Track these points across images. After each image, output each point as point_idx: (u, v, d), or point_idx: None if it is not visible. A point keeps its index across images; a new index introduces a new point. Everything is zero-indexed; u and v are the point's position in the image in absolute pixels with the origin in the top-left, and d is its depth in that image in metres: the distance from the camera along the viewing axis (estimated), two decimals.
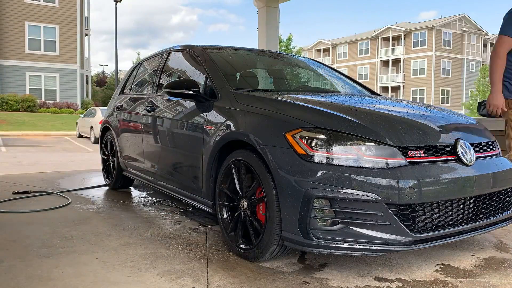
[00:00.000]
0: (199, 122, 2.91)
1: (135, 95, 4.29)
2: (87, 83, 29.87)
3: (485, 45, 44.77)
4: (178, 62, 3.77)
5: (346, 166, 2.05)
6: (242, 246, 2.45)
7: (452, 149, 2.27)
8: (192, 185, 2.99)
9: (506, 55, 3.23)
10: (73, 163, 7.28)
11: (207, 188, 2.77)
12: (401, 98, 35.65)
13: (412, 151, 2.14)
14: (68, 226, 3.11)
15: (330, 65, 5.34)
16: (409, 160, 2.10)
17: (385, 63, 44.12)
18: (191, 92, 2.87)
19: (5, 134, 15.75)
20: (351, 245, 2.01)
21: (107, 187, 4.77)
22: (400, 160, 2.08)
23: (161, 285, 2.10)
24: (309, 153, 2.10)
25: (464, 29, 42.15)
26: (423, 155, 2.16)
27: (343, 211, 2.02)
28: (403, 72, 42.58)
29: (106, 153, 4.80)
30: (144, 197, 4.31)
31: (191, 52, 3.44)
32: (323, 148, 2.10)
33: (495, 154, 2.58)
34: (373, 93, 3.72)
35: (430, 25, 40.36)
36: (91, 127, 14.38)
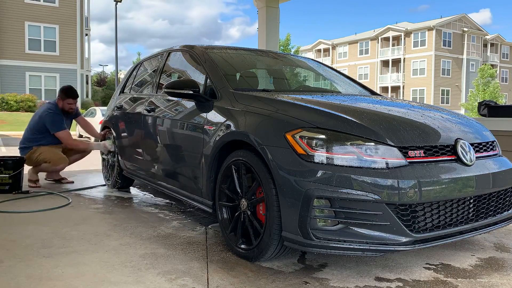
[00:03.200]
0: (199, 122, 2.91)
1: (135, 95, 4.29)
2: (87, 83, 29.86)
3: (485, 45, 44.75)
4: (178, 62, 3.77)
5: (346, 166, 2.05)
6: (242, 246, 2.45)
7: (452, 149, 2.27)
8: (192, 185, 2.99)
9: None
10: (73, 163, 7.25)
11: (207, 188, 2.77)
12: (401, 98, 35.64)
13: (412, 151, 2.14)
14: (68, 226, 3.11)
15: (330, 65, 5.34)
16: (409, 160, 2.10)
17: (385, 63, 44.10)
18: (191, 92, 2.87)
19: (5, 134, 15.74)
20: (351, 245, 2.00)
21: (107, 187, 4.77)
22: (400, 160, 2.08)
23: (161, 285, 2.10)
24: (309, 153, 2.10)
25: (464, 29, 42.13)
26: (423, 155, 2.16)
27: (343, 211, 2.02)
28: (403, 72, 42.55)
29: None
30: (144, 197, 4.31)
31: (191, 52, 3.44)
32: (323, 148, 2.10)
33: (495, 154, 2.58)
34: (373, 93, 3.72)
35: (430, 25, 40.35)
36: None
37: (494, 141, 2.67)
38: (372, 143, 2.10)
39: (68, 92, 4.80)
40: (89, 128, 5.52)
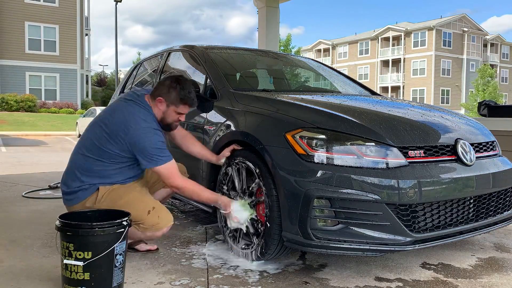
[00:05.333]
0: (199, 122, 2.91)
1: None
2: (87, 83, 29.85)
3: (485, 45, 44.73)
4: (178, 62, 3.77)
5: (346, 166, 2.05)
6: (242, 246, 2.44)
7: (452, 149, 2.27)
8: None
9: None
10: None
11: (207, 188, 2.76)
12: (401, 98, 35.64)
13: (412, 151, 2.14)
14: None
15: (330, 65, 5.34)
16: (409, 160, 2.10)
17: (385, 63, 44.07)
18: None
19: (5, 134, 15.74)
20: (351, 245, 2.00)
21: None
22: (400, 160, 2.08)
23: (161, 285, 2.10)
24: (309, 153, 2.10)
25: (464, 29, 42.11)
26: (423, 155, 2.16)
27: (343, 211, 2.02)
28: (403, 72, 42.53)
29: None
30: None
31: (191, 52, 3.43)
32: (323, 148, 2.10)
33: (495, 154, 2.58)
34: (373, 93, 3.72)
35: (430, 25, 40.32)
36: None
37: (494, 141, 2.67)
38: (372, 143, 2.09)
39: (186, 95, 2.41)
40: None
